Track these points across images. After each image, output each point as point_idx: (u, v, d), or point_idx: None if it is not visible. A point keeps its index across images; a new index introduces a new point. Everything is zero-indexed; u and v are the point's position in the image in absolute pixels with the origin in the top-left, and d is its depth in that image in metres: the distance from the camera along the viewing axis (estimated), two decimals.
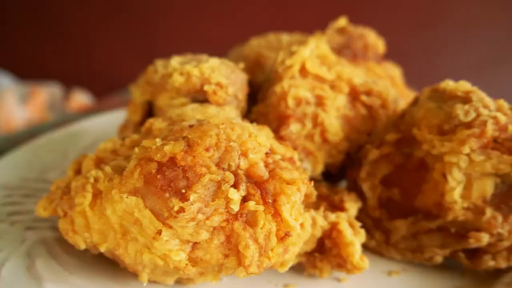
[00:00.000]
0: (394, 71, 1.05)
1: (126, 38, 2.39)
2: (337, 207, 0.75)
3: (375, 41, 1.00)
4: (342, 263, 0.69)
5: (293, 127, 0.78)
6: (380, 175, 0.78)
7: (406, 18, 2.23)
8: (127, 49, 2.36)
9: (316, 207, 0.76)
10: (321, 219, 0.69)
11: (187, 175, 0.57)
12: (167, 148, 0.58)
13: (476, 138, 0.66)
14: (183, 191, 0.55)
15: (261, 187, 0.59)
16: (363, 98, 0.82)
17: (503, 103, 0.68)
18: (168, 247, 0.56)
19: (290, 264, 0.65)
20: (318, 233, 0.69)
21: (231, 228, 0.57)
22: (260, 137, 0.64)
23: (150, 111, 0.89)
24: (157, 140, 0.61)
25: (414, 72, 2.17)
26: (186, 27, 2.27)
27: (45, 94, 2.03)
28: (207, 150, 0.58)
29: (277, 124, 0.79)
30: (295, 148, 0.77)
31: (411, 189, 0.75)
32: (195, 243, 0.57)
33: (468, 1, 2.17)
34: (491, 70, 2.17)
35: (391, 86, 0.95)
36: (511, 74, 2.16)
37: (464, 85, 0.71)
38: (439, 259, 0.73)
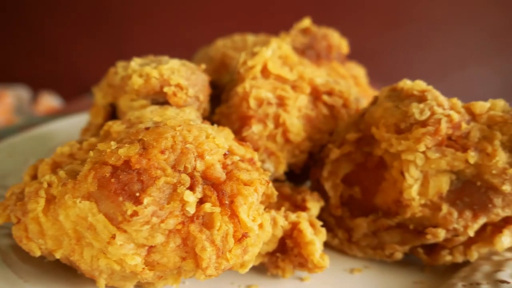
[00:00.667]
0: (358, 71, 1.06)
1: (97, 40, 2.35)
2: (299, 206, 0.76)
3: (339, 41, 1.01)
4: (303, 263, 0.69)
5: (255, 128, 0.78)
6: (342, 174, 0.79)
7: (376, 18, 2.27)
8: (97, 51, 2.32)
9: (278, 207, 0.76)
10: (281, 219, 0.69)
11: (141, 178, 0.56)
12: (121, 151, 0.57)
13: (431, 136, 0.67)
14: (137, 194, 0.55)
15: (218, 188, 0.59)
16: (325, 98, 0.83)
17: (456, 101, 0.70)
18: (123, 251, 0.55)
19: (250, 265, 0.65)
20: (279, 233, 0.69)
21: (187, 231, 0.56)
22: (218, 139, 0.63)
23: (114, 113, 0.88)
24: (112, 143, 0.60)
25: (384, 72, 2.21)
26: (157, 27, 2.25)
27: (12, 97, 1.98)
28: (162, 152, 0.58)
29: (239, 125, 0.79)
30: (257, 149, 0.78)
31: (371, 187, 0.76)
32: (151, 246, 0.56)
33: (435, 2, 2.22)
34: (458, 69, 2.23)
35: (354, 86, 0.97)
36: (476, 73, 2.22)
37: (419, 84, 0.73)
38: (399, 255, 0.75)
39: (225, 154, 0.63)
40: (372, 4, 2.26)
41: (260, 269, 0.74)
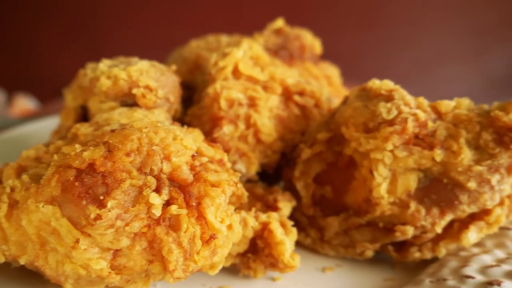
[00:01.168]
0: (332, 71, 1.07)
1: (73, 41, 2.31)
2: (271, 207, 0.76)
3: (312, 42, 1.02)
4: (274, 263, 0.69)
5: (226, 129, 0.78)
6: (313, 173, 0.79)
7: (355, 18, 2.29)
8: (74, 52, 2.29)
9: (250, 207, 0.76)
10: (252, 220, 0.69)
11: (106, 181, 0.55)
12: (86, 154, 0.56)
13: (398, 135, 0.68)
14: (102, 197, 0.54)
15: (185, 190, 0.58)
16: (296, 98, 0.84)
17: (423, 100, 0.71)
18: (87, 256, 0.54)
19: (220, 266, 0.65)
20: (250, 234, 0.69)
21: (153, 234, 0.56)
22: (186, 140, 0.63)
23: (86, 115, 0.87)
24: (77, 146, 0.59)
25: (363, 71, 2.23)
26: (135, 28, 2.22)
27: None
28: (127, 155, 0.57)
29: (210, 126, 0.78)
30: (228, 150, 0.78)
31: (342, 186, 0.77)
32: (117, 250, 0.56)
33: (411, 3, 2.25)
34: (436, 68, 2.27)
35: (327, 86, 0.97)
36: (454, 71, 2.26)
37: (387, 84, 0.74)
38: (370, 253, 0.75)
39: (193, 156, 0.63)
40: (350, 4, 2.28)
41: (231, 270, 0.73)
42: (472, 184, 0.67)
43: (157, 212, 0.55)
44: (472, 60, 2.25)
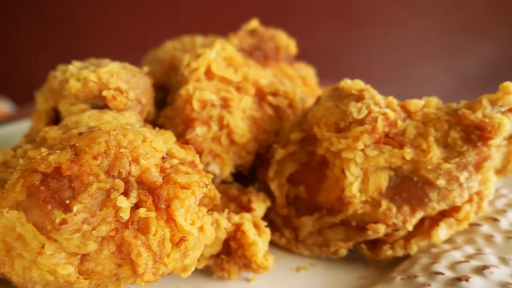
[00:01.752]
0: (307, 71, 1.07)
1: (50, 42, 2.28)
2: (245, 207, 0.76)
3: (287, 42, 1.02)
4: (247, 263, 0.69)
5: (199, 130, 0.77)
6: (287, 173, 0.79)
7: (334, 20, 2.30)
8: (51, 54, 2.25)
9: (225, 209, 0.76)
10: (224, 221, 0.69)
11: (73, 185, 0.54)
12: (52, 158, 0.55)
13: (368, 134, 0.69)
14: (67, 202, 0.53)
15: (154, 193, 0.58)
16: (270, 98, 0.84)
17: (392, 100, 0.72)
18: (53, 261, 0.53)
19: (192, 269, 0.64)
20: (223, 235, 0.69)
21: (122, 237, 0.55)
22: (156, 142, 0.62)
23: (58, 118, 0.85)
24: (43, 149, 0.58)
25: (341, 72, 2.25)
26: (113, 30, 2.20)
27: None
28: (95, 158, 0.56)
29: (183, 128, 0.78)
30: (201, 151, 0.77)
31: (315, 186, 0.77)
32: (84, 255, 0.55)
33: (391, 4, 2.28)
34: (413, 68, 2.30)
35: (302, 86, 0.98)
36: (430, 71, 2.29)
37: (358, 84, 0.74)
38: (343, 252, 0.76)
39: (163, 158, 0.62)
40: (329, 5, 2.30)
41: (205, 272, 0.73)
42: (441, 182, 0.68)
43: (125, 215, 0.55)
44: (448, 60, 2.29)
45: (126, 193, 0.56)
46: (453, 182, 0.69)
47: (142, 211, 0.56)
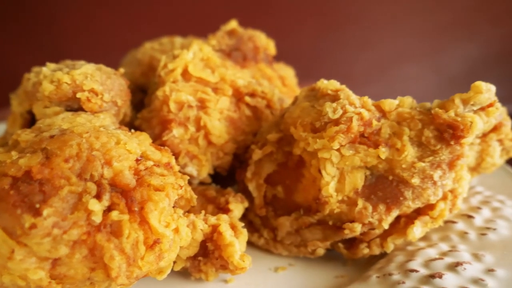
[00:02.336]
0: (286, 71, 1.08)
1: (29, 43, 2.24)
2: (222, 209, 0.76)
3: (266, 43, 1.02)
4: (225, 265, 0.69)
5: (176, 131, 0.77)
6: (264, 174, 0.80)
7: (316, 21, 2.31)
8: (30, 55, 2.22)
9: (203, 210, 0.76)
10: (201, 223, 0.68)
11: (43, 188, 0.54)
12: (22, 161, 0.55)
13: (343, 134, 0.69)
14: (38, 206, 0.52)
15: (127, 195, 0.57)
16: (247, 99, 0.84)
17: (367, 99, 0.72)
18: (24, 266, 0.53)
19: (168, 271, 0.64)
20: (200, 237, 0.69)
21: (94, 241, 0.54)
22: (130, 144, 0.62)
23: (34, 121, 0.84)
24: (13, 153, 0.58)
25: (323, 72, 2.26)
26: (93, 31, 2.18)
27: None
28: (66, 161, 0.56)
29: (160, 129, 0.78)
30: (178, 153, 0.77)
31: (292, 186, 0.77)
32: (56, 259, 0.54)
33: (373, 5, 2.30)
34: (394, 68, 2.32)
35: (281, 87, 0.98)
36: (411, 71, 2.32)
37: (333, 84, 0.75)
38: (321, 251, 0.76)
39: (137, 160, 0.62)
40: (311, 6, 2.31)
41: (183, 274, 0.73)
42: (415, 180, 0.69)
43: (97, 218, 0.54)
44: (429, 59, 2.31)
45: (98, 196, 0.56)
46: (427, 181, 0.69)
47: (114, 214, 0.55)
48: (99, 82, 0.73)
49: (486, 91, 0.69)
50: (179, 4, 2.17)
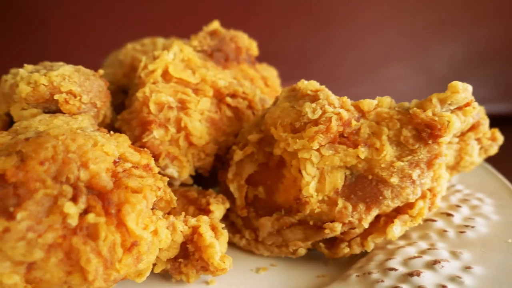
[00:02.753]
0: (269, 72, 1.08)
1: (14, 43, 2.21)
2: (203, 210, 0.76)
3: (248, 43, 1.02)
4: (205, 266, 0.69)
5: (156, 133, 0.77)
6: (246, 175, 0.80)
7: (303, 21, 2.32)
8: (14, 56, 2.19)
9: (184, 211, 0.76)
10: (181, 224, 0.68)
11: (18, 192, 0.53)
12: None
13: (323, 134, 0.69)
14: (11, 209, 0.52)
15: (104, 198, 0.57)
16: (228, 100, 0.84)
17: (346, 100, 0.72)
18: None
19: (147, 273, 0.64)
20: (180, 239, 0.68)
21: (70, 244, 0.54)
22: (107, 146, 0.62)
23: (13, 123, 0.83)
24: None
25: (311, 72, 2.27)
26: (78, 32, 2.16)
27: None
28: (42, 163, 0.55)
29: (140, 131, 0.77)
30: (159, 154, 0.77)
31: (273, 186, 0.77)
32: (31, 263, 0.54)
33: (359, 6, 2.31)
34: (381, 68, 2.34)
35: (263, 87, 0.98)
36: (398, 71, 2.33)
37: (313, 84, 0.75)
38: (302, 251, 0.76)
39: (115, 162, 0.62)
40: (299, 7, 2.32)
41: (164, 276, 0.73)
42: (394, 180, 0.69)
43: (72, 221, 0.54)
44: (414, 59, 2.34)
45: (74, 199, 0.55)
46: (406, 180, 0.70)
47: (91, 217, 0.55)
48: (77, 84, 0.72)
49: (463, 90, 0.70)
50: (164, 4, 2.16)
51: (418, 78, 2.33)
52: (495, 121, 0.89)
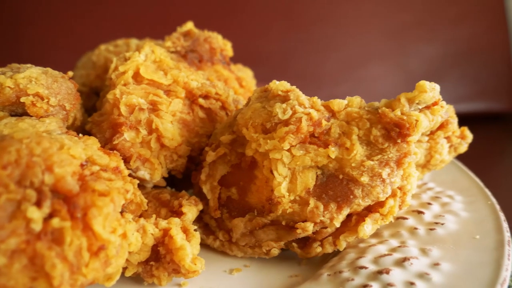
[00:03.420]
0: (245, 72, 1.08)
1: None
2: (175, 212, 0.75)
3: (223, 44, 1.02)
4: (177, 269, 0.68)
5: (127, 135, 0.76)
6: (218, 176, 0.79)
7: (282, 21, 2.33)
8: None
9: (156, 213, 0.75)
10: (151, 227, 0.68)
11: None
12: None
13: (293, 134, 0.70)
14: None
15: (70, 202, 0.56)
16: (201, 101, 0.83)
17: (316, 100, 0.73)
18: None
19: (117, 277, 0.63)
20: (150, 242, 0.68)
21: (34, 249, 0.53)
22: (74, 149, 0.61)
23: None
24: None
25: (292, 73, 2.27)
26: (54, 32, 2.12)
27: None
28: (4, 167, 0.54)
29: (111, 133, 0.76)
30: (130, 156, 0.76)
31: (246, 187, 0.77)
32: None
33: (338, 6, 2.33)
34: (360, 68, 2.36)
35: (238, 88, 0.98)
36: (377, 71, 2.36)
37: (284, 85, 0.75)
38: (275, 251, 0.77)
39: (82, 165, 0.61)
40: (276, 7, 2.33)
41: (136, 280, 0.72)
42: (365, 179, 0.70)
43: (36, 226, 0.53)
44: (393, 59, 2.37)
45: (38, 203, 0.54)
46: (376, 179, 0.71)
47: (55, 221, 0.54)
48: (45, 86, 0.71)
49: (430, 90, 0.71)
50: (141, 4, 2.15)
51: (397, 78, 2.36)
52: (474, 119, 0.91)
